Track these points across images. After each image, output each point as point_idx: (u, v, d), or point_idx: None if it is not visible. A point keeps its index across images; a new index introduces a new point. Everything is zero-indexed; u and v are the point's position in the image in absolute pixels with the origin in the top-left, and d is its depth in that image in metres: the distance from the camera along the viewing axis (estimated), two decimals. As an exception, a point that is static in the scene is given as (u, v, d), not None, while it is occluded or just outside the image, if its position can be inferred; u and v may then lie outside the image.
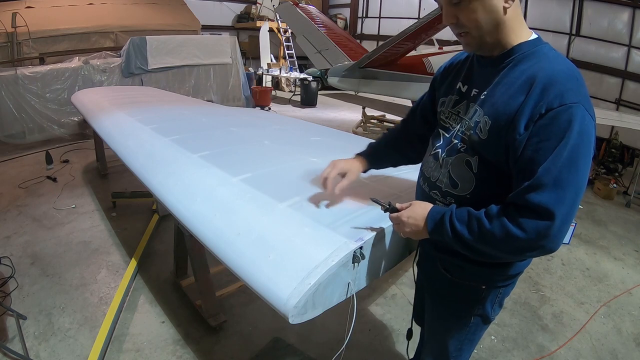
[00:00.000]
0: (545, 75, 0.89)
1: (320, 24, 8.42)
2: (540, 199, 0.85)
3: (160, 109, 3.39)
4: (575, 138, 0.85)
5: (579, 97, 0.86)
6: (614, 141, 5.35)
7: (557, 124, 0.85)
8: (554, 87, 0.87)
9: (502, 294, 1.18)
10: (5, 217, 3.43)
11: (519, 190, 0.89)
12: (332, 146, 2.45)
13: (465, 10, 0.93)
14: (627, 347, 2.32)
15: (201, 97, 7.09)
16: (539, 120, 0.87)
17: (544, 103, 0.87)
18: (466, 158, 1.02)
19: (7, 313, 2.22)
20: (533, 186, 0.86)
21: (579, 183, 0.87)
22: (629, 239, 3.76)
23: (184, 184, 1.68)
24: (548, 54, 0.94)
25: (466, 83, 1.08)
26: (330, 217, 1.27)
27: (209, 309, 2.25)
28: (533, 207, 0.86)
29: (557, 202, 0.85)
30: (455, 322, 1.22)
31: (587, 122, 0.86)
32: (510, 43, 0.96)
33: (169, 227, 3.26)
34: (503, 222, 0.89)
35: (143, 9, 8.59)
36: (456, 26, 0.98)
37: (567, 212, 0.86)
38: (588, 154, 0.87)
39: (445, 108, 1.13)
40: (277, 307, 1.02)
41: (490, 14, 0.93)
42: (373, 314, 2.45)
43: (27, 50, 6.58)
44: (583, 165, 0.87)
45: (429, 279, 1.29)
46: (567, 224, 0.87)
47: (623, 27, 7.33)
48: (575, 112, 0.85)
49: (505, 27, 0.95)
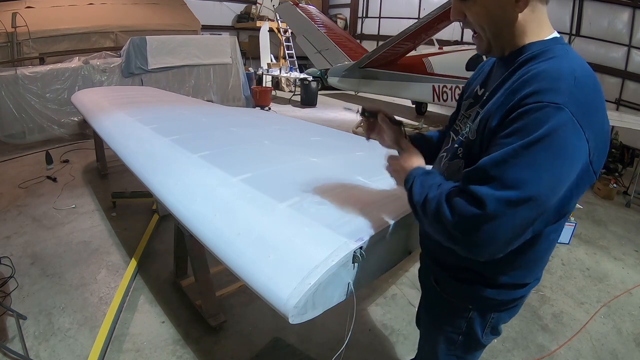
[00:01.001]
0: (535, 71, 0.79)
1: (320, 24, 8.44)
2: (479, 189, 0.77)
3: (160, 109, 3.39)
4: (545, 140, 0.72)
5: (565, 98, 0.73)
6: (614, 141, 5.35)
7: (526, 122, 0.74)
8: (537, 82, 0.76)
9: (494, 320, 1.09)
10: (5, 217, 3.43)
11: (465, 174, 0.83)
12: (332, 146, 2.45)
13: (473, 7, 0.88)
14: (627, 347, 2.32)
15: (201, 97, 7.09)
16: (509, 116, 0.78)
17: (520, 97, 0.77)
18: (460, 164, 0.98)
19: (7, 313, 2.22)
20: (477, 173, 0.79)
21: (534, 192, 0.74)
22: (629, 239, 3.76)
23: (184, 184, 1.68)
24: (557, 52, 0.83)
25: (483, 86, 1.02)
26: (330, 217, 1.27)
27: (209, 309, 2.25)
28: (468, 193, 0.79)
29: (496, 199, 0.74)
30: (443, 337, 1.17)
31: (569, 130, 0.72)
32: (521, 42, 0.88)
33: (169, 227, 3.26)
34: (441, 200, 0.84)
35: (143, 9, 8.60)
36: (464, 24, 0.92)
37: (506, 213, 0.75)
38: (557, 165, 0.74)
39: (462, 110, 1.08)
40: (277, 307, 1.02)
41: (497, 17, 0.86)
42: (373, 314, 2.45)
43: (27, 50, 6.58)
44: (546, 175, 0.73)
45: (423, 289, 1.27)
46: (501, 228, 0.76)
47: (623, 27, 7.33)
48: (550, 114, 0.72)
49: (517, 30, 0.87)
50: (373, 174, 1.62)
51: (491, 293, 1.03)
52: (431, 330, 1.24)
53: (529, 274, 1.03)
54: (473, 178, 0.80)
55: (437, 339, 1.20)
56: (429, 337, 1.27)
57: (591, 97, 0.77)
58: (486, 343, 1.15)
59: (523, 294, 1.08)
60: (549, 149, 0.72)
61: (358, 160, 2.02)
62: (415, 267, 2.84)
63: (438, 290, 1.14)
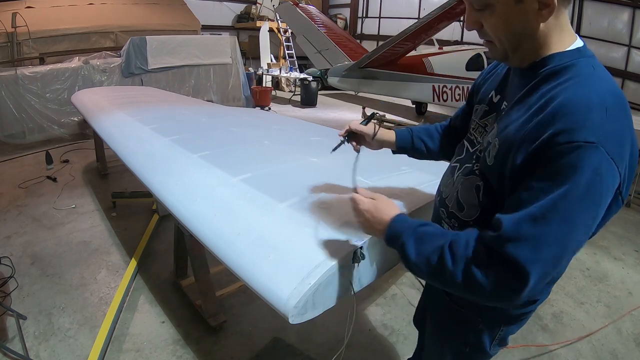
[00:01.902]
0: (563, 99, 0.71)
1: (320, 24, 8.44)
2: (517, 253, 0.70)
3: (160, 109, 3.39)
4: (582, 189, 0.67)
5: (599, 135, 0.66)
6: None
7: (559, 166, 0.68)
8: (567, 117, 0.69)
9: (503, 333, 1.06)
10: (5, 217, 3.43)
11: (498, 234, 0.73)
12: (332, 146, 2.45)
13: (490, 19, 0.79)
14: (627, 347, 2.32)
15: (201, 97, 7.09)
16: (539, 155, 0.71)
17: (548, 131, 0.69)
18: (476, 182, 0.90)
19: (7, 313, 2.22)
20: (512, 235, 0.71)
21: (570, 244, 0.71)
22: (629, 239, 3.76)
23: (184, 184, 1.68)
24: (582, 71, 0.75)
25: (499, 93, 0.95)
26: (331, 217, 1.27)
27: (209, 309, 2.25)
28: (507, 259, 0.71)
29: (536, 261, 0.70)
30: (450, 346, 1.15)
31: (603, 173, 0.67)
32: (543, 53, 0.79)
33: (169, 227, 3.26)
34: (468, 265, 0.75)
35: (143, 9, 8.60)
36: (479, 33, 0.85)
37: (547, 270, 0.71)
38: (592, 211, 0.70)
39: (475, 117, 1.00)
40: (277, 307, 1.02)
41: (518, 29, 0.78)
42: (373, 314, 2.45)
43: (27, 50, 6.59)
44: (582, 225, 0.71)
45: (432, 295, 1.25)
46: (541, 283, 0.72)
47: (623, 27, 7.35)
48: (585, 155, 0.66)
49: (537, 41, 0.78)
50: (373, 174, 1.61)
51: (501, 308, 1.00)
52: (437, 339, 1.22)
53: (545, 292, 1.03)
54: (508, 238, 0.71)
55: (443, 349, 1.17)
56: (434, 346, 1.24)
57: (623, 127, 0.71)
58: (493, 354, 1.11)
59: (533, 308, 1.06)
60: (586, 197, 0.68)
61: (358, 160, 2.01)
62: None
63: (447, 299, 1.09)
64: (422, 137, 1.23)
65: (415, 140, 1.23)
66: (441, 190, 1.07)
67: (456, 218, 0.97)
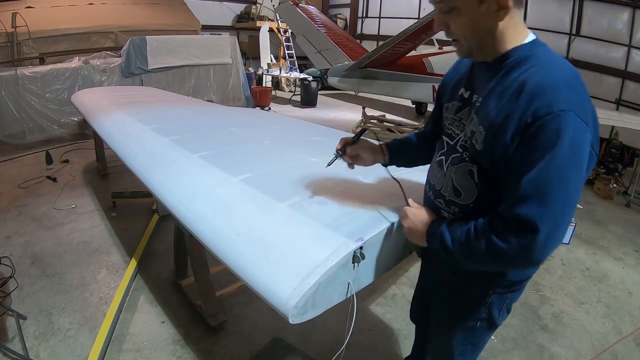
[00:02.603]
0: (534, 83, 0.86)
1: (320, 24, 8.43)
2: (526, 211, 0.83)
3: (160, 109, 3.39)
4: (565, 148, 0.81)
5: (570, 104, 0.82)
6: (614, 141, 5.35)
7: (545, 134, 0.82)
8: (542, 96, 0.84)
9: (509, 299, 1.16)
10: (5, 217, 3.43)
11: (506, 202, 0.89)
12: (332, 146, 2.44)
13: (456, 20, 0.92)
14: (627, 347, 2.32)
15: (201, 97, 7.09)
16: (526, 131, 0.85)
17: (530, 112, 0.84)
18: (469, 167, 1.01)
19: (7, 313, 2.22)
20: (519, 198, 0.85)
21: (568, 196, 0.84)
22: (629, 239, 3.76)
23: (184, 184, 1.68)
24: (543, 58, 0.90)
25: (468, 89, 1.06)
26: (330, 217, 1.27)
27: (209, 309, 2.25)
28: (519, 220, 0.84)
29: (543, 215, 0.83)
30: (460, 326, 1.21)
31: (579, 131, 0.82)
32: (503, 48, 0.94)
33: (169, 227, 3.26)
34: (489, 236, 0.89)
35: (143, 9, 8.60)
36: (447, 33, 0.97)
37: (554, 226, 0.84)
38: (579, 164, 0.84)
39: (448, 114, 1.12)
40: (277, 307, 1.02)
41: (480, 28, 0.91)
42: (373, 314, 2.45)
43: (27, 50, 6.58)
44: (573, 177, 0.83)
45: (436, 282, 1.28)
46: (554, 237, 0.84)
47: (623, 27, 7.34)
48: (563, 121, 0.81)
49: (497, 38, 0.92)
50: (373, 174, 1.61)
51: (512, 275, 1.09)
52: (448, 323, 1.25)
53: None
54: (516, 201, 0.85)
55: (453, 331, 1.23)
56: (443, 331, 1.28)
57: (582, 94, 0.87)
58: (500, 324, 1.22)
59: (534, 271, 1.16)
60: (572, 155, 0.82)
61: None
62: (416, 267, 2.85)
63: (457, 281, 1.16)
64: (408, 148, 1.34)
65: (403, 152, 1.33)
66: (432, 183, 1.16)
67: (455, 204, 1.07)
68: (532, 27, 0.94)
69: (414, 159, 1.35)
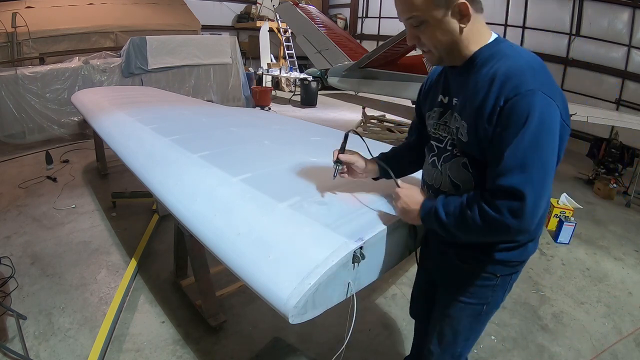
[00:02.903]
0: (502, 72, 0.96)
1: (320, 24, 8.43)
2: (509, 181, 0.92)
3: (160, 109, 3.39)
4: (536, 121, 0.90)
5: (536, 84, 0.92)
6: (614, 141, 5.35)
7: (516, 112, 0.92)
8: (511, 80, 0.94)
9: (512, 280, 1.23)
10: (5, 217, 3.43)
11: (491, 177, 0.97)
12: (332, 146, 2.44)
13: (425, 32, 1.02)
14: (627, 347, 2.32)
15: (201, 97, 7.09)
16: (500, 113, 0.94)
17: (502, 96, 0.94)
18: (462, 161, 1.09)
19: (7, 313, 2.22)
20: (502, 171, 0.94)
21: (545, 163, 0.93)
22: (629, 239, 3.76)
23: (184, 184, 1.68)
24: (506, 52, 1.00)
25: (446, 94, 1.15)
26: (330, 217, 1.27)
27: (209, 309, 2.25)
28: (504, 190, 0.93)
29: (526, 182, 0.91)
30: (468, 312, 1.25)
31: (547, 105, 0.92)
32: (470, 51, 1.03)
33: (169, 227, 3.26)
34: (481, 206, 0.97)
35: (143, 9, 8.60)
36: (419, 45, 1.07)
37: (538, 190, 0.92)
38: (551, 135, 0.93)
39: (432, 121, 1.20)
40: (277, 307, 1.02)
41: (447, 36, 1.01)
42: (373, 314, 2.45)
43: (27, 50, 6.58)
44: (547, 146, 0.93)
45: (442, 272, 1.31)
46: (539, 202, 0.93)
47: (623, 27, 7.33)
48: (532, 98, 0.91)
49: (463, 43, 1.02)
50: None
51: (514, 255, 1.15)
52: (454, 311, 1.27)
53: (541, 224, 1.14)
54: (500, 174, 0.94)
55: (460, 317, 1.27)
56: (449, 319, 1.30)
57: (547, 76, 0.97)
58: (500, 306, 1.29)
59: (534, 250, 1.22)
60: (543, 126, 0.91)
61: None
62: (415, 267, 2.84)
63: (464, 268, 1.20)
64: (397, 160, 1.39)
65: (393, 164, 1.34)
66: (430, 183, 1.22)
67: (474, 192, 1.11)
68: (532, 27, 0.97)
69: (403, 170, 1.41)
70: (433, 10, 0.98)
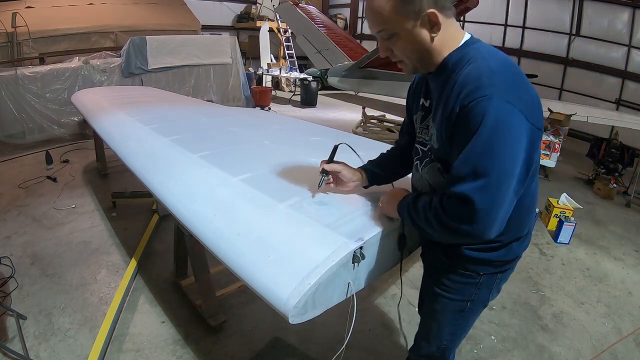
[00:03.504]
0: (462, 78, 0.96)
1: (320, 24, 8.44)
2: (459, 188, 0.93)
3: (160, 109, 3.39)
4: (489, 128, 0.89)
5: (492, 89, 0.90)
6: (614, 141, 5.35)
7: (470, 119, 0.91)
8: (466, 87, 0.93)
9: (499, 280, 1.23)
10: (5, 217, 3.43)
11: (446, 183, 0.99)
12: (332, 146, 2.45)
13: (397, 44, 1.02)
14: (627, 347, 2.32)
15: (201, 97, 7.09)
16: (457, 120, 0.95)
17: (457, 103, 0.94)
18: (437, 166, 1.12)
19: (7, 313, 2.22)
20: (453, 177, 0.95)
21: (500, 170, 0.91)
22: (629, 239, 3.76)
23: (184, 184, 1.68)
24: (472, 55, 0.99)
25: (427, 98, 1.16)
26: (330, 217, 1.27)
27: (209, 309, 2.25)
28: (455, 196, 0.94)
29: (475, 189, 0.91)
30: (452, 307, 1.27)
31: (503, 111, 0.89)
32: (441, 57, 1.03)
33: (169, 227, 3.26)
34: (438, 211, 0.99)
35: (143, 9, 8.60)
36: (392, 56, 1.07)
37: (490, 197, 0.91)
38: (507, 141, 0.90)
39: (417, 124, 1.22)
40: (277, 307, 1.02)
41: (419, 46, 1.01)
42: (373, 314, 2.45)
43: (27, 50, 6.59)
44: (503, 152, 0.90)
45: (432, 266, 1.32)
46: (494, 208, 0.92)
47: (623, 27, 7.33)
48: (485, 105, 0.89)
49: (435, 50, 1.02)
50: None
51: (497, 255, 1.16)
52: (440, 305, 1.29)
53: (524, 224, 1.17)
54: (452, 181, 0.95)
55: (444, 312, 1.29)
56: (435, 313, 1.32)
57: (510, 77, 0.95)
58: (491, 300, 1.30)
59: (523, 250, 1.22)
60: (498, 133, 0.89)
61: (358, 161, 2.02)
62: (415, 267, 2.85)
63: (448, 264, 1.21)
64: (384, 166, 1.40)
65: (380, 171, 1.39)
66: (415, 186, 1.28)
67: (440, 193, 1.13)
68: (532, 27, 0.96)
69: (394, 174, 1.42)
70: (403, 22, 0.97)
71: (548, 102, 5.89)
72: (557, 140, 4.74)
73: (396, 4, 0.95)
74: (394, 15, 0.97)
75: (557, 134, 4.83)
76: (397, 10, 0.96)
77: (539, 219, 3.94)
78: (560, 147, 4.77)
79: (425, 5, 0.95)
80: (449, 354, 1.40)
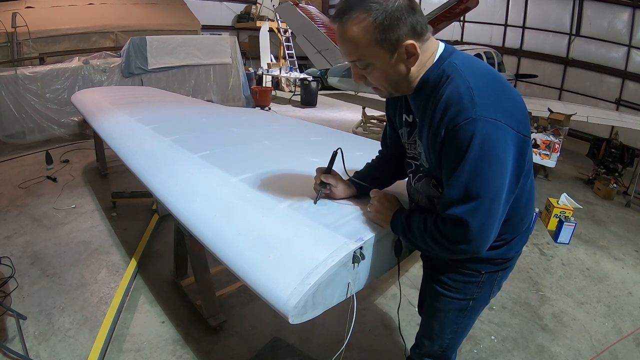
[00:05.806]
0: (443, 100, 0.93)
1: (320, 24, 8.43)
2: (453, 211, 0.94)
3: (160, 109, 3.39)
4: (476, 150, 0.88)
5: (475, 109, 0.88)
6: (614, 141, 5.35)
7: (457, 143, 0.91)
8: (449, 110, 0.91)
9: (500, 277, 1.25)
10: (5, 217, 3.43)
11: (440, 204, 1.00)
12: (332, 146, 2.44)
13: (372, 74, 1.00)
14: (627, 347, 2.32)
15: (201, 97, 7.09)
16: (442, 143, 0.94)
17: (442, 126, 0.93)
18: (430, 181, 1.12)
19: (7, 313, 2.22)
20: (446, 201, 0.96)
21: (491, 190, 0.92)
22: (629, 239, 3.76)
23: (184, 184, 1.68)
24: (448, 72, 0.96)
25: (410, 113, 1.14)
26: (330, 217, 1.27)
27: (209, 309, 2.25)
28: (450, 219, 0.96)
29: (468, 212, 0.92)
30: (454, 306, 1.27)
31: (489, 130, 0.88)
32: (419, 79, 1.01)
33: (169, 227, 3.26)
34: (433, 232, 1.01)
35: (143, 9, 8.60)
36: (366, 83, 1.04)
37: (482, 217, 0.93)
38: (495, 161, 0.90)
39: (405, 139, 1.21)
40: (277, 307, 1.02)
41: (395, 75, 0.99)
42: (373, 314, 2.45)
43: (27, 50, 6.59)
44: (492, 173, 0.91)
45: (433, 266, 1.32)
46: (486, 226, 0.95)
47: (623, 27, 7.34)
48: (471, 127, 0.88)
49: (412, 77, 1.00)
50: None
51: (498, 253, 1.17)
52: (442, 304, 1.29)
53: (523, 221, 1.17)
54: (446, 205, 0.96)
55: (446, 311, 1.29)
56: (437, 312, 1.32)
57: (490, 91, 0.93)
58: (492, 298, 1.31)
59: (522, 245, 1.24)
60: (485, 155, 0.89)
61: (358, 161, 2.02)
62: (415, 267, 2.85)
63: (450, 264, 1.22)
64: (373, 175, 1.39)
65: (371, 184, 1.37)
66: (412, 197, 1.28)
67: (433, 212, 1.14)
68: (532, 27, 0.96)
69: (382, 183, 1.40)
70: (379, 54, 0.94)
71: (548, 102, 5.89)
72: (557, 140, 4.74)
73: (374, 35, 0.91)
74: (371, 46, 0.93)
75: (557, 134, 4.83)
76: (374, 41, 0.92)
77: (539, 218, 3.94)
78: (560, 147, 4.77)
79: (404, 36, 0.92)
80: (451, 353, 1.40)
